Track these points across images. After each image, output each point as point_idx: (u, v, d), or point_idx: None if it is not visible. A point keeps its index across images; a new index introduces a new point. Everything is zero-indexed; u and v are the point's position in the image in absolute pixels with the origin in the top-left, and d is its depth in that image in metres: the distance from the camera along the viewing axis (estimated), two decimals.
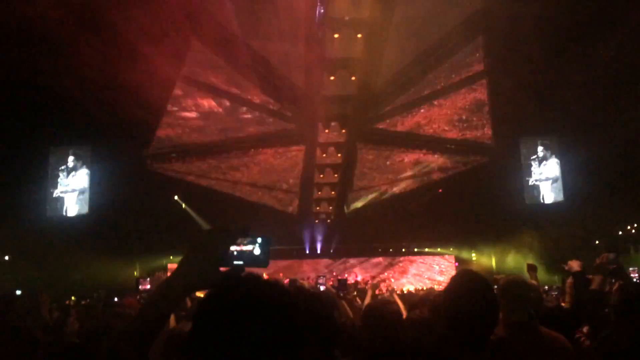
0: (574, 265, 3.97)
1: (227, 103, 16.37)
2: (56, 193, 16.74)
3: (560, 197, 17.75)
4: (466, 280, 2.11)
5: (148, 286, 14.26)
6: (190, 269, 1.23)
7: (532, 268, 5.16)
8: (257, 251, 1.32)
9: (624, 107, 13.86)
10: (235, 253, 1.30)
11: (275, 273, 19.08)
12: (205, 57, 15.00)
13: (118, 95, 14.08)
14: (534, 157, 17.96)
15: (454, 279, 2.18)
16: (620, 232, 18.89)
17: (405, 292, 15.56)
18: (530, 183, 17.95)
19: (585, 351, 3.26)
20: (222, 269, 1.26)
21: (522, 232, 17.98)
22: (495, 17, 12.89)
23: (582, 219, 16.59)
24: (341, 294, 6.32)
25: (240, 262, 1.30)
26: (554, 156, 17.90)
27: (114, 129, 14.98)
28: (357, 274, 21.80)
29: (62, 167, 16.73)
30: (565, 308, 4.31)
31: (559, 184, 17.83)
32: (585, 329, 3.44)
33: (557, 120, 15.98)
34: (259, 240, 1.33)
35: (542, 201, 17.88)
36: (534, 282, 4.71)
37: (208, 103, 16.45)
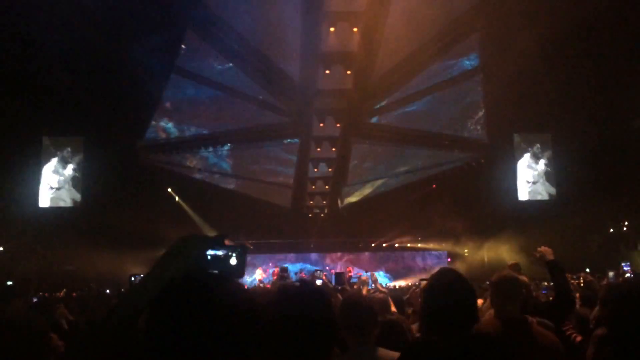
0: (547, 253, 3.86)
1: (222, 95, 16.30)
2: (49, 184, 16.64)
3: (553, 193, 17.84)
4: (441, 276, 2.17)
5: None
6: (162, 273, 1.24)
7: (515, 268, 5.14)
8: (233, 261, 1.34)
9: (617, 104, 13.93)
10: (209, 258, 1.32)
11: (268, 267, 19.08)
12: (200, 49, 14.92)
13: (111, 86, 14.03)
14: (527, 153, 18.03)
15: (431, 278, 2.23)
16: (611, 230, 19.02)
17: (397, 287, 15.62)
18: (523, 179, 18.03)
19: (577, 347, 3.28)
20: None
21: (514, 228, 18.06)
22: (491, 13, 12.90)
23: (575, 215, 16.68)
24: (339, 288, 6.35)
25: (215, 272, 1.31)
26: (547, 153, 17.98)
27: (107, 120, 14.91)
28: (352, 268, 21.85)
29: (55, 158, 16.62)
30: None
31: (552, 180, 17.92)
32: (570, 325, 3.46)
33: (551, 117, 16.04)
34: (236, 250, 1.35)
35: (534, 197, 17.96)
36: (524, 278, 4.68)
37: (202, 95, 16.38)
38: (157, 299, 1.16)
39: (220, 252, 1.33)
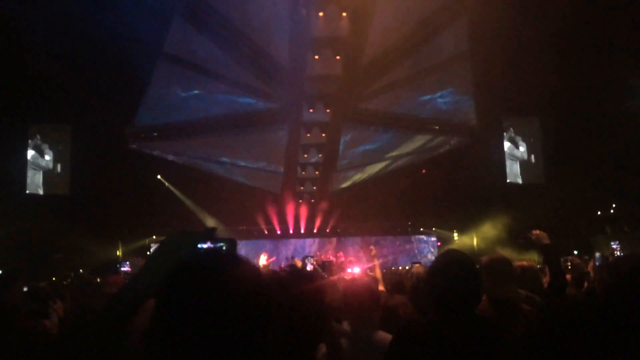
0: (543, 236, 3.82)
1: (210, 81, 16.16)
2: (36, 171, 16.48)
3: (541, 177, 17.98)
4: (448, 258, 2.18)
5: (129, 269, 14.23)
6: (154, 269, 1.24)
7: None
8: None
9: (606, 88, 14.01)
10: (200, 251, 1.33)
11: (259, 253, 19.11)
12: (188, 34, 14.75)
13: (99, 72, 13.86)
14: (515, 136, 18.12)
15: (437, 258, 2.26)
16: (599, 212, 19.24)
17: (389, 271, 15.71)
18: (511, 163, 18.13)
19: None
20: None
21: (503, 212, 18.23)
22: None
23: (563, 199, 16.85)
24: (325, 275, 6.51)
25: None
26: (534, 136, 18.08)
27: (94, 107, 14.75)
28: (343, 254, 21.93)
29: (42, 145, 16.44)
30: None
31: (540, 164, 18.05)
32: None
33: (539, 101, 16.11)
34: (225, 243, 1.36)
35: (523, 181, 18.09)
36: (531, 263, 4.60)
37: (190, 81, 16.22)
38: (169, 277, 1.15)
39: (211, 245, 1.34)
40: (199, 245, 1.32)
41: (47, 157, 16.39)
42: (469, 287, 2.07)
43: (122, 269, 13.46)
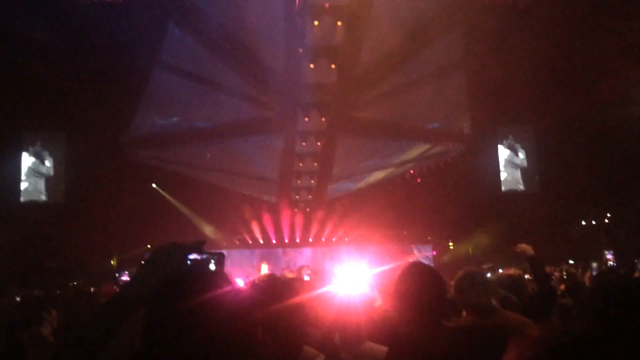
0: (528, 249, 3.93)
1: (205, 90, 16.17)
2: (30, 180, 16.41)
3: (536, 186, 18.03)
4: (409, 268, 2.34)
5: (128, 278, 14.11)
6: (144, 280, 1.26)
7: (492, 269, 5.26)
8: (212, 267, 1.38)
9: (600, 96, 14.09)
10: (189, 262, 1.34)
11: (255, 261, 19.07)
12: (183, 42, 14.78)
13: (94, 81, 13.86)
14: (509, 145, 18.18)
15: (402, 269, 2.40)
16: (593, 222, 19.29)
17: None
18: (506, 172, 18.18)
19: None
20: None
21: (497, 221, 18.24)
22: (475, 7, 12.95)
23: (558, 208, 16.88)
24: (320, 285, 6.45)
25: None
26: (530, 145, 18.15)
27: (89, 115, 14.73)
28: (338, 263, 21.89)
29: (36, 153, 16.38)
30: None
31: (535, 172, 18.10)
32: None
33: (534, 109, 16.19)
34: (213, 257, 1.39)
35: (516, 188, 18.14)
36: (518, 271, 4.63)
37: (186, 89, 16.23)
38: (155, 296, 1.18)
39: (199, 257, 1.36)
40: (188, 257, 1.33)
41: (47, 164, 16.35)
42: (430, 291, 2.19)
43: (122, 277, 13.39)
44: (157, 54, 14.59)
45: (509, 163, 18.12)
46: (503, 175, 18.14)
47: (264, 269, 17.39)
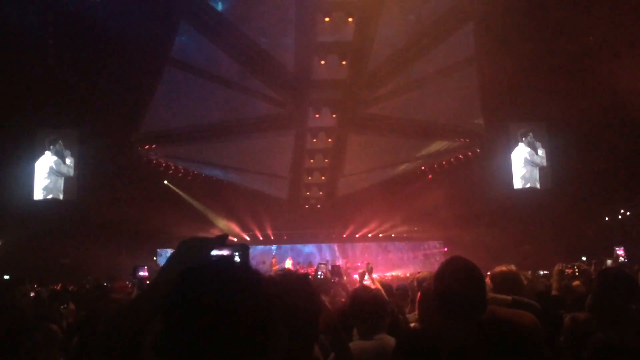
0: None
1: (217, 87, 16.23)
2: (44, 177, 16.55)
3: (549, 183, 17.84)
4: (452, 264, 2.22)
5: (146, 273, 14.25)
6: (168, 276, 1.27)
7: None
8: (237, 259, 1.41)
9: (613, 91, 13.90)
10: (214, 258, 1.35)
11: (266, 258, 19.13)
12: (194, 40, 14.84)
13: (105, 78, 13.95)
14: (522, 142, 17.99)
15: (442, 265, 2.28)
16: (607, 218, 19.10)
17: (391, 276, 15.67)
18: (519, 169, 18.01)
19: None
20: None
21: (510, 217, 18.11)
22: (486, 2, 12.84)
23: (571, 205, 16.73)
24: (336, 279, 6.52)
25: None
26: (543, 142, 17.96)
27: (101, 112, 14.83)
28: (348, 259, 21.95)
29: (49, 151, 16.52)
30: (553, 295, 4.36)
31: (548, 169, 17.91)
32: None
33: (547, 106, 16.03)
34: (238, 249, 1.43)
35: (529, 185, 17.96)
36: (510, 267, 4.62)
37: (197, 86, 16.29)
38: (176, 285, 1.16)
39: (224, 252, 1.37)
40: (212, 252, 1.34)
41: (68, 162, 16.50)
42: (473, 292, 2.09)
43: (139, 273, 13.42)
44: (169, 52, 14.65)
45: (528, 161, 17.85)
46: (521, 172, 17.90)
47: (288, 264, 17.82)
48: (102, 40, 12.76)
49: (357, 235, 22.37)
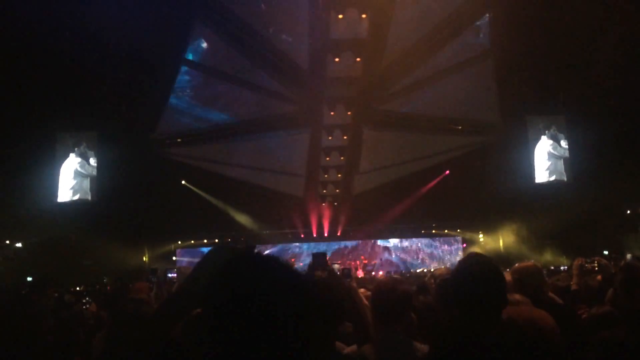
0: None
1: (232, 86, 16.30)
2: (65, 179, 16.77)
3: (568, 176, 17.58)
4: (472, 263, 2.18)
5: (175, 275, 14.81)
6: (197, 283, 1.34)
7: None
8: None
9: (632, 85, 13.66)
10: None
11: (284, 257, 19.15)
12: (209, 40, 14.92)
13: (123, 78, 14.08)
14: (540, 136, 17.75)
15: (460, 262, 2.25)
16: (628, 211, 18.79)
17: (409, 273, 15.62)
18: (537, 162, 17.76)
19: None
20: None
21: (529, 212, 17.91)
22: None
23: (590, 198, 16.47)
24: (347, 281, 6.48)
25: None
26: (561, 135, 17.69)
27: (120, 114, 14.98)
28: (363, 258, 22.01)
29: (71, 154, 16.73)
30: (573, 289, 4.31)
31: (567, 162, 17.65)
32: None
33: (564, 99, 15.81)
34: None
35: (549, 180, 17.71)
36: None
37: (213, 86, 16.39)
38: (216, 277, 1.17)
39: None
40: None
41: (92, 163, 16.72)
42: (492, 290, 2.06)
43: (169, 275, 13.81)
44: (184, 52, 14.76)
45: (551, 154, 17.58)
46: (545, 165, 17.62)
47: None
48: (118, 41, 12.88)
49: (374, 232, 22.35)
